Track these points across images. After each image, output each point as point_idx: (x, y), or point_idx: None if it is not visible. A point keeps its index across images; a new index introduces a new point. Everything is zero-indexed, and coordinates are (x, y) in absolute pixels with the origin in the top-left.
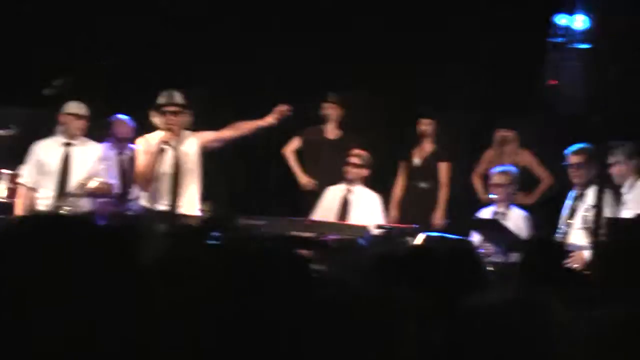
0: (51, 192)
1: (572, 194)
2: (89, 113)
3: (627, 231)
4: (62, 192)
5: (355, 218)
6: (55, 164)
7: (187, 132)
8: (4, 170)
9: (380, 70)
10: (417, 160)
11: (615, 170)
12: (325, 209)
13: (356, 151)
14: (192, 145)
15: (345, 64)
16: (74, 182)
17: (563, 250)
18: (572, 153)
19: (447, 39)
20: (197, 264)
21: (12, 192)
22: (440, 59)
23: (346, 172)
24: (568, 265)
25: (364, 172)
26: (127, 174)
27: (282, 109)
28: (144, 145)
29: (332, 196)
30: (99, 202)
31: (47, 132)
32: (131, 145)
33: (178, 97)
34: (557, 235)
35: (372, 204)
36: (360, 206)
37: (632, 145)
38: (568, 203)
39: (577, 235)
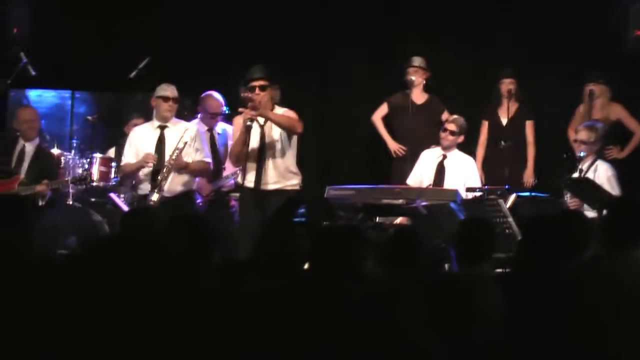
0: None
1: None
2: (177, 94)
3: None
4: (156, 176)
5: (451, 183)
6: (150, 148)
7: (277, 107)
8: (96, 154)
9: (460, 30)
10: (503, 120)
11: None
12: (421, 173)
13: (452, 117)
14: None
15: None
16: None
17: None
18: None
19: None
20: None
21: (103, 175)
22: (521, 12)
23: (442, 138)
24: None
25: (460, 138)
26: (218, 150)
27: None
28: (238, 122)
29: (427, 160)
30: (198, 181)
31: (132, 114)
32: (221, 121)
33: (263, 71)
34: None
35: (467, 168)
36: (456, 171)
37: None
38: None
39: None
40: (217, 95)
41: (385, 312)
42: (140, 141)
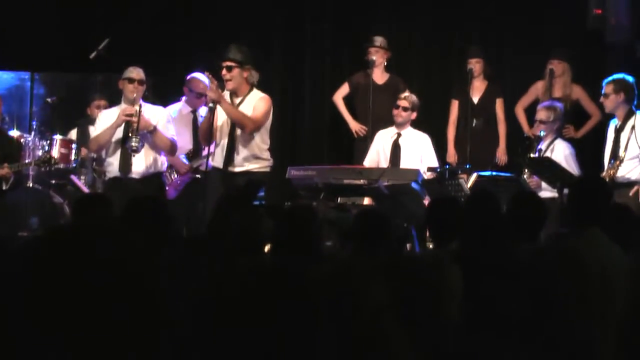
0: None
1: (613, 124)
2: (143, 76)
3: None
4: (123, 161)
5: (407, 161)
6: (119, 132)
7: (255, 90)
8: (56, 136)
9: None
10: (474, 98)
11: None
12: (377, 153)
13: (404, 94)
14: (251, 102)
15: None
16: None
17: (610, 188)
18: (607, 83)
19: None
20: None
21: (64, 157)
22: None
23: (395, 115)
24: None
25: (413, 115)
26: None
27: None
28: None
29: (382, 140)
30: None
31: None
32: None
33: (233, 52)
34: (606, 168)
35: (423, 145)
36: (411, 149)
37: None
38: (610, 135)
39: (626, 167)
40: (202, 76)
41: (346, 294)
42: (107, 124)
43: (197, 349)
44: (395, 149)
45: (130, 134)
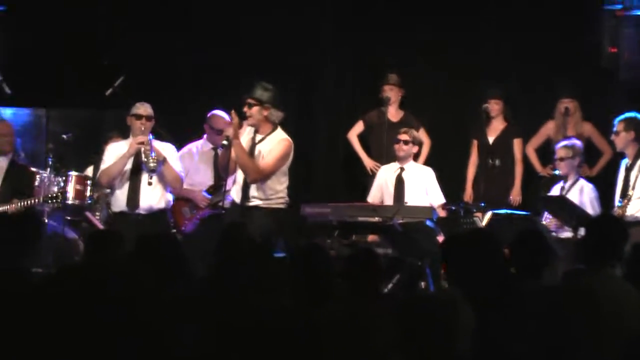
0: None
1: (624, 163)
2: (151, 113)
3: None
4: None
5: (411, 195)
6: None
7: (275, 129)
8: (72, 172)
9: (439, 48)
10: (490, 138)
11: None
12: (380, 189)
13: (404, 129)
14: (271, 142)
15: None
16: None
17: (626, 227)
18: (619, 121)
19: (502, 13)
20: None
21: (79, 194)
22: (496, 34)
23: (396, 150)
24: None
25: (415, 148)
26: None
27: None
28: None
29: (385, 175)
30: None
31: (110, 132)
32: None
33: (255, 91)
34: (614, 207)
35: (427, 179)
36: (415, 183)
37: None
38: (621, 174)
39: (635, 206)
40: (222, 113)
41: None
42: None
43: None
44: (399, 183)
45: (145, 158)
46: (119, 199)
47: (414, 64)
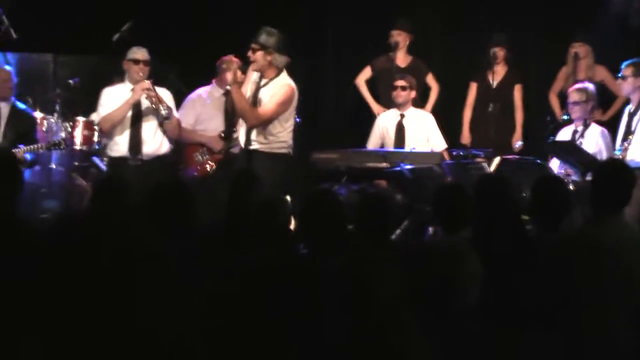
0: (125, 140)
1: (627, 109)
2: (148, 57)
3: None
4: (133, 141)
5: (412, 142)
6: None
7: (280, 73)
8: (79, 118)
9: None
10: (493, 82)
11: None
12: (380, 136)
13: (400, 75)
14: (273, 87)
15: None
16: (143, 128)
17: (633, 173)
18: (626, 65)
19: None
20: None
21: (87, 139)
22: None
23: (395, 96)
24: None
25: (412, 93)
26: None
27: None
28: (248, 77)
29: (385, 122)
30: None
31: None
32: None
33: (260, 35)
34: (615, 153)
35: (428, 125)
36: (416, 129)
37: None
38: (624, 119)
39: (636, 151)
40: (235, 59)
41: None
42: (115, 102)
43: (206, 342)
44: (400, 130)
45: (154, 105)
46: (120, 145)
47: (423, 6)
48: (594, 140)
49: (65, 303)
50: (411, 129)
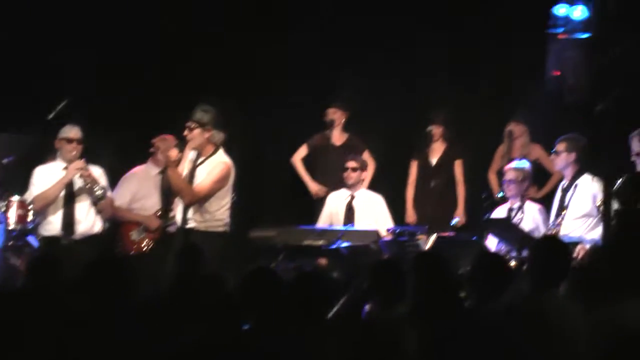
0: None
1: (561, 184)
2: (81, 136)
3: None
4: (66, 220)
5: (361, 223)
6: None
7: (217, 150)
8: (13, 198)
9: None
10: (432, 160)
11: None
12: (331, 215)
13: (351, 156)
14: (210, 164)
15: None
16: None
17: (568, 248)
18: (560, 141)
19: (448, 38)
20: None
21: (21, 219)
22: (442, 59)
23: (345, 178)
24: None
25: (364, 174)
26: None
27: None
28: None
29: (335, 202)
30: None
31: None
32: None
33: (195, 113)
34: (549, 227)
35: (377, 207)
36: (365, 210)
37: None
38: (558, 195)
39: (569, 226)
40: (171, 137)
41: None
42: (47, 181)
43: None
44: (349, 211)
45: (88, 185)
46: (53, 224)
47: (358, 86)
48: (531, 217)
49: None
50: (360, 210)
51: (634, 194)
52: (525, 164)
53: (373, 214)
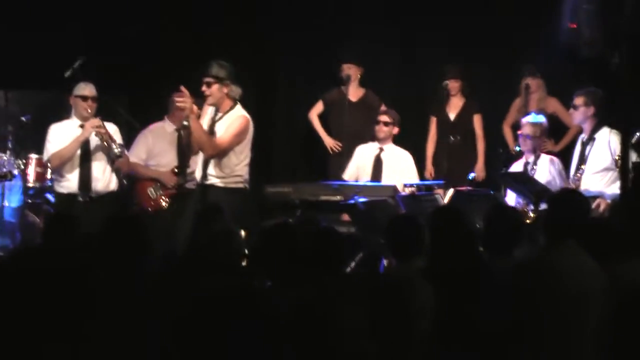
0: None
1: (580, 138)
2: (96, 93)
3: None
4: (83, 178)
5: (388, 177)
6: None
7: (235, 105)
8: (32, 155)
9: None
10: (451, 115)
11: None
12: (358, 168)
13: (385, 109)
14: (229, 119)
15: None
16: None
17: (587, 201)
18: (578, 95)
19: None
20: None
21: (39, 176)
22: (458, 11)
23: (377, 131)
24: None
25: (395, 129)
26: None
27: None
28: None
29: (363, 155)
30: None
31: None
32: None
33: (212, 68)
34: (569, 181)
35: (405, 162)
36: (393, 165)
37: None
38: (577, 148)
39: (589, 180)
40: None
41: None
42: (63, 139)
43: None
44: (377, 164)
45: (105, 143)
46: (70, 181)
47: (374, 41)
48: (545, 170)
49: (24, 334)
50: (388, 164)
51: None
52: (542, 119)
53: (400, 169)
